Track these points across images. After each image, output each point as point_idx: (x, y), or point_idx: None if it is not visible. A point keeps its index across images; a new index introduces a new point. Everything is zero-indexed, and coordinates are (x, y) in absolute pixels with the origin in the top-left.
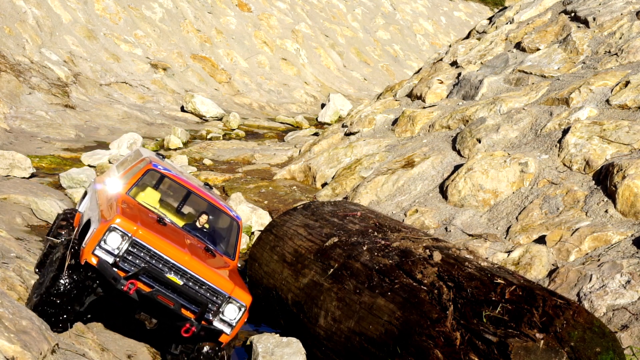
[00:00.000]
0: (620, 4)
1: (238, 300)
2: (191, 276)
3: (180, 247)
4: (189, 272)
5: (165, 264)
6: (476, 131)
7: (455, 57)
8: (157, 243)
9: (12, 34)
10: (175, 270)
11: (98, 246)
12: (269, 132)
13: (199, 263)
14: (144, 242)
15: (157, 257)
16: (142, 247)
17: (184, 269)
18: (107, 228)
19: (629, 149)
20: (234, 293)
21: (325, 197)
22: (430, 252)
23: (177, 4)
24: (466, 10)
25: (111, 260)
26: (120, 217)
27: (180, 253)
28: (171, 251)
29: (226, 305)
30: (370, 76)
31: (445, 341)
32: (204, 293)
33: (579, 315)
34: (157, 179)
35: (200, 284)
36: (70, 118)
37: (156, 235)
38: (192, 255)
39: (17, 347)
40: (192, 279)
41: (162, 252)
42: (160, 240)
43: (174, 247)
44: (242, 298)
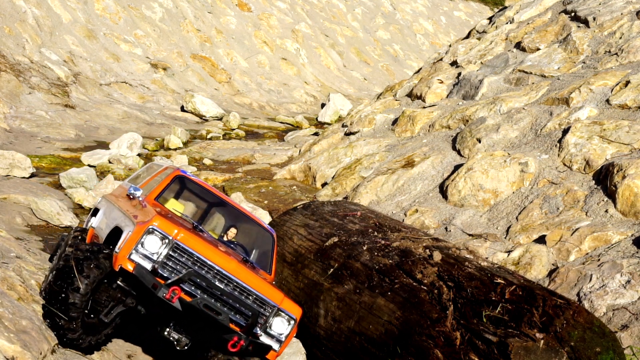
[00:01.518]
0: (620, 4)
1: (288, 312)
2: (237, 285)
3: (225, 254)
4: (236, 279)
5: (210, 270)
6: (476, 131)
7: (455, 57)
8: (201, 248)
9: (12, 33)
10: (220, 278)
11: (135, 250)
12: (269, 132)
13: (246, 271)
14: (186, 245)
15: (200, 263)
16: (184, 251)
17: (230, 276)
18: (145, 230)
19: (629, 148)
20: (284, 304)
21: (325, 197)
22: (430, 252)
23: (177, 4)
24: (466, 10)
25: (149, 266)
26: (159, 218)
27: (227, 259)
28: (216, 257)
29: (274, 317)
30: (370, 76)
31: (445, 341)
32: (252, 304)
33: (579, 315)
34: (186, 186)
35: (247, 293)
36: (70, 118)
37: (199, 239)
38: (238, 263)
39: (17, 347)
40: (238, 288)
41: (207, 257)
42: (204, 245)
43: (219, 252)
44: (293, 310)
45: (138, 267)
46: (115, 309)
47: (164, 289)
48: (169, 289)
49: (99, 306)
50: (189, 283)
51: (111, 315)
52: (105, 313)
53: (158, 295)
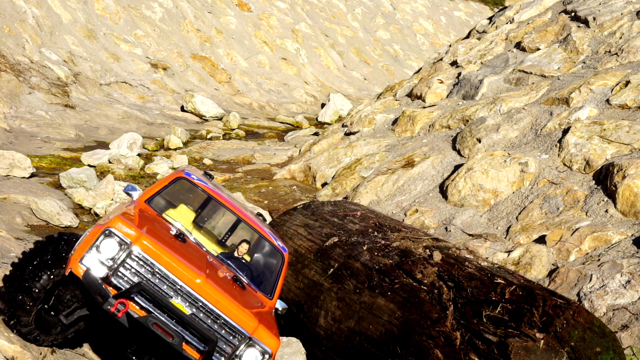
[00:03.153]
0: (621, 4)
1: (261, 343)
2: (203, 305)
3: (194, 268)
4: (200, 299)
5: (171, 285)
6: (476, 131)
7: (455, 57)
8: (163, 258)
9: (12, 33)
10: (182, 296)
11: (88, 254)
12: (269, 131)
13: (215, 290)
14: (146, 253)
15: (161, 276)
16: (143, 260)
17: (193, 294)
18: (102, 232)
19: (629, 148)
20: (257, 334)
21: (325, 196)
22: (430, 252)
23: (177, 4)
24: (466, 10)
25: (103, 273)
26: (120, 219)
27: (192, 274)
28: (180, 270)
29: (246, 348)
30: (370, 76)
31: (445, 341)
32: (217, 330)
33: (579, 315)
34: (190, 191)
35: (213, 316)
36: (70, 118)
37: (163, 247)
38: (207, 279)
39: (17, 347)
40: (203, 309)
41: (168, 269)
42: (167, 255)
43: (185, 265)
44: (267, 342)
45: (87, 273)
46: (77, 312)
47: (111, 301)
48: (115, 302)
49: (61, 305)
50: (143, 297)
51: (72, 317)
52: (66, 313)
53: (103, 308)
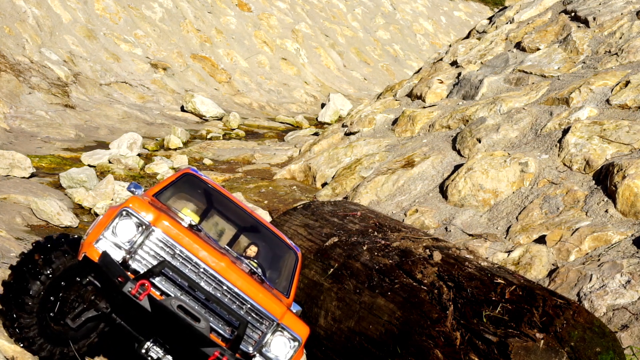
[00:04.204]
0: (621, 4)
1: (291, 330)
2: (228, 289)
3: (216, 251)
4: (225, 282)
5: (194, 269)
6: (476, 131)
7: (455, 57)
8: (185, 239)
9: (12, 33)
10: (206, 280)
11: (103, 236)
12: (269, 132)
13: (241, 274)
14: (167, 235)
15: (183, 259)
16: (164, 242)
17: (218, 277)
18: (118, 212)
19: (629, 148)
20: (286, 320)
21: (325, 197)
22: (430, 252)
23: (177, 4)
24: (466, 10)
25: (120, 256)
26: (136, 199)
27: (217, 256)
28: (204, 253)
29: (273, 335)
30: (370, 76)
31: (445, 341)
32: (242, 313)
33: (579, 315)
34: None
35: (240, 301)
36: (70, 118)
37: (185, 230)
38: (231, 263)
39: (17, 347)
40: (229, 293)
41: (191, 251)
42: (190, 236)
43: (208, 247)
44: (297, 328)
45: (104, 256)
46: (85, 313)
47: (131, 284)
48: (137, 284)
49: (67, 309)
50: (165, 280)
51: (79, 320)
52: (72, 316)
53: (123, 291)
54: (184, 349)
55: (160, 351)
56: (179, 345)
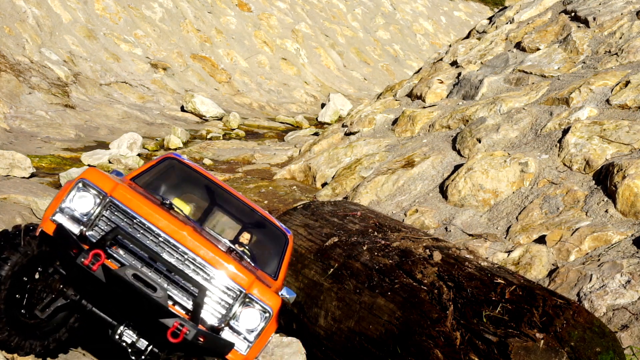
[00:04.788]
0: (621, 4)
1: (260, 301)
2: (190, 258)
3: (179, 221)
4: (186, 251)
5: (154, 238)
6: (476, 131)
7: (455, 57)
8: (144, 208)
9: (12, 33)
10: (166, 249)
11: (60, 209)
12: (269, 132)
13: (204, 242)
14: (124, 204)
15: (142, 228)
16: (121, 212)
17: (178, 245)
18: (74, 184)
19: (629, 148)
20: (254, 290)
21: (325, 197)
22: (430, 252)
23: (177, 4)
24: (466, 10)
25: (77, 229)
26: (94, 170)
27: (178, 225)
28: (164, 221)
29: (242, 307)
30: (370, 76)
31: (445, 341)
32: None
33: (579, 315)
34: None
35: (202, 271)
36: (70, 118)
37: (145, 199)
38: (194, 232)
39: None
40: (191, 263)
41: (150, 220)
42: (149, 206)
43: (169, 217)
44: (267, 299)
45: (59, 229)
46: (53, 303)
47: (85, 254)
48: (90, 254)
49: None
50: (125, 251)
51: (48, 310)
52: (41, 307)
53: (77, 263)
54: (143, 321)
55: (133, 335)
56: (138, 317)
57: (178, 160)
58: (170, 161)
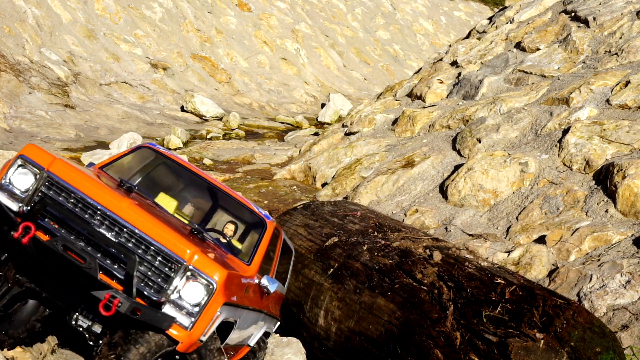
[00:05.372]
0: (621, 4)
1: (203, 273)
2: (128, 230)
3: (119, 194)
4: (123, 222)
5: (91, 211)
6: (476, 131)
7: (455, 57)
8: (81, 181)
9: (11, 33)
10: (104, 222)
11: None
12: (269, 132)
13: (143, 214)
14: (61, 177)
15: (78, 201)
16: (59, 186)
17: (115, 217)
18: (13, 161)
19: (629, 148)
20: (197, 262)
21: (325, 197)
22: (430, 252)
23: (177, 4)
24: (466, 10)
25: (16, 207)
26: (31, 146)
27: (116, 197)
28: (101, 193)
29: (183, 280)
30: (370, 76)
31: (445, 341)
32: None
33: (579, 315)
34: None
35: (141, 243)
36: (70, 118)
37: (84, 173)
38: (133, 204)
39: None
40: (128, 235)
41: (86, 192)
42: (87, 179)
43: (108, 189)
44: (210, 271)
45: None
46: (9, 292)
47: (15, 228)
48: (20, 227)
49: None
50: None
51: (4, 299)
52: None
53: (9, 238)
54: (77, 295)
55: (87, 319)
56: (73, 291)
57: (152, 149)
58: (145, 150)
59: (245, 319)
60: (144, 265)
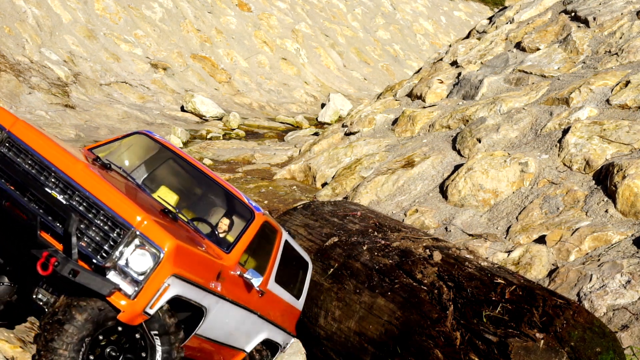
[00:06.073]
0: (621, 4)
1: (150, 240)
2: (79, 193)
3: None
4: (74, 184)
5: (45, 172)
6: (476, 131)
7: (455, 57)
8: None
9: (11, 33)
10: (57, 183)
11: None
12: (269, 132)
13: (96, 177)
14: (19, 137)
15: (34, 162)
16: (19, 148)
17: (67, 178)
18: None
19: (629, 148)
20: (145, 228)
21: (325, 196)
22: (430, 252)
23: (177, 4)
24: (466, 10)
25: None
26: None
27: (72, 160)
28: (57, 155)
29: (129, 246)
30: (370, 76)
31: (446, 341)
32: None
33: (579, 315)
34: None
35: (94, 207)
36: (70, 118)
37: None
38: (88, 167)
39: (17, 347)
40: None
41: (42, 153)
42: (47, 141)
43: (66, 152)
44: (158, 239)
45: None
46: None
47: None
48: None
49: None
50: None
51: None
52: None
53: None
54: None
55: (47, 293)
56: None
57: (148, 136)
58: (139, 136)
59: (223, 311)
60: (92, 229)
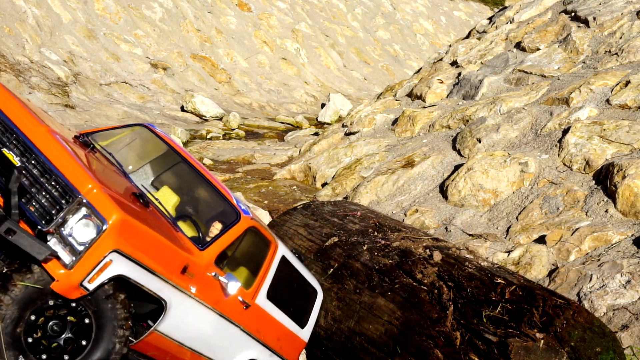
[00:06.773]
0: (621, 4)
1: (95, 209)
2: (35, 156)
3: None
4: (31, 147)
5: (10, 136)
6: (476, 131)
7: (455, 57)
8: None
9: (11, 33)
10: (16, 145)
11: None
12: (269, 132)
13: (55, 143)
14: None
15: (2, 125)
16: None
17: (25, 141)
18: None
19: (629, 148)
20: (93, 197)
21: (325, 196)
22: (430, 252)
23: (177, 4)
24: (466, 10)
25: None
26: None
27: (36, 124)
28: (22, 119)
29: (74, 213)
30: (370, 76)
31: (446, 341)
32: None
33: (579, 315)
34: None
35: (47, 172)
36: (70, 118)
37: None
38: (50, 132)
39: None
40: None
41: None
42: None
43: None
44: (104, 209)
45: None
46: None
47: None
48: None
49: None
50: None
51: None
52: None
53: None
54: None
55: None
56: None
57: (148, 129)
58: (140, 128)
59: (193, 312)
60: (42, 194)
